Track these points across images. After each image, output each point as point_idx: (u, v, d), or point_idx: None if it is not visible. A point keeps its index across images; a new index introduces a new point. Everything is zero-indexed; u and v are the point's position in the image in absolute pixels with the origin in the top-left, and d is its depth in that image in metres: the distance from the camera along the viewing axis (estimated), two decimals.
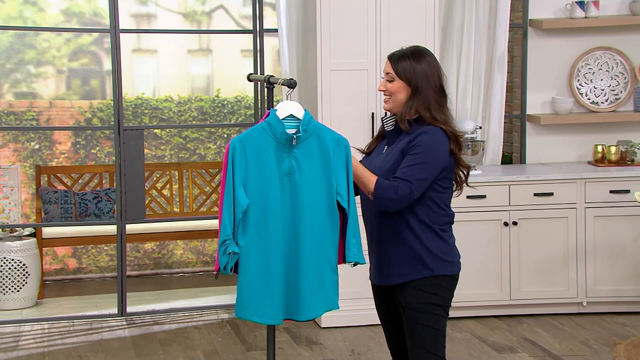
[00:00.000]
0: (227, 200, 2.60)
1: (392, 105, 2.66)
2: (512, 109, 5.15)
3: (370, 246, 2.71)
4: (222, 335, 4.41)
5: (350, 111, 4.38)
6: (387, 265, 2.64)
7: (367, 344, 4.20)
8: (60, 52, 6.09)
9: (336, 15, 4.32)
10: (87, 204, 5.53)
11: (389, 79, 2.65)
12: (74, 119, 6.05)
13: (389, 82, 2.65)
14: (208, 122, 6.22)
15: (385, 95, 2.66)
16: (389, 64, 2.66)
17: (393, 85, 2.64)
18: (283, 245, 2.64)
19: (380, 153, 2.71)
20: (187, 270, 6.08)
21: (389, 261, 2.63)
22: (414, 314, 2.59)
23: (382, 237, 2.64)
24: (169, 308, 4.85)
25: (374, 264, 2.71)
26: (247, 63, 5.76)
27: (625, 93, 4.99)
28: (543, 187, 4.54)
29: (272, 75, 2.88)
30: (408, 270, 2.59)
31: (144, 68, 6.25)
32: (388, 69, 2.66)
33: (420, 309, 2.59)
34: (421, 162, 2.56)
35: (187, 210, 5.86)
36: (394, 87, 2.64)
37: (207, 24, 6.24)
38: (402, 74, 2.62)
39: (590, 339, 4.26)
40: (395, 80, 2.63)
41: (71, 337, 4.41)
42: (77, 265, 6.01)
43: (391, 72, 2.64)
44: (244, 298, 2.64)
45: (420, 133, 2.59)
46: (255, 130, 2.65)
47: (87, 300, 5.22)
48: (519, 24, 4.97)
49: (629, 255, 4.57)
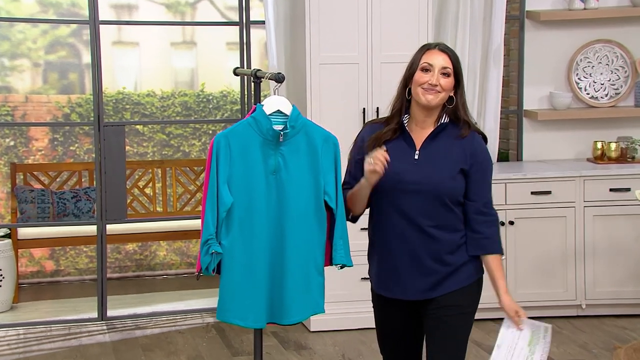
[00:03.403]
0: (211, 198, 2.62)
1: (440, 100, 2.54)
2: (508, 104, 5.20)
3: (400, 260, 2.57)
4: (207, 339, 4.43)
5: (341, 107, 4.41)
6: (434, 276, 2.56)
7: (358, 349, 4.24)
8: (36, 44, 6.10)
9: (326, 6, 4.35)
10: (65, 203, 5.53)
11: (445, 72, 2.52)
12: (51, 114, 6.06)
13: (445, 76, 2.53)
14: (192, 117, 6.24)
15: (435, 91, 2.52)
16: (445, 56, 2.53)
17: (448, 81, 2.53)
18: (268, 245, 2.66)
19: (408, 158, 2.55)
20: (171, 272, 6.09)
21: (438, 271, 2.56)
22: (457, 319, 2.57)
23: (430, 249, 2.56)
24: (152, 312, 4.87)
25: (407, 278, 2.57)
26: (233, 56, 5.78)
27: (625, 87, 5.05)
28: (540, 185, 4.58)
29: (259, 69, 2.89)
30: (464, 275, 2.58)
31: (125, 61, 6.26)
32: (445, 63, 2.53)
33: (469, 313, 2.60)
34: (489, 181, 2.58)
35: (170, 209, 5.87)
36: (449, 83, 2.54)
37: (191, 15, 6.26)
38: (458, 69, 2.54)
39: (589, 342, 4.30)
40: (451, 76, 2.53)
41: (48, 342, 4.42)
42: (55, 268, 6.01)
43: (449, 67, 2.53)
44: (226, 300, 2.65)
45: (479, 147, 2.56)
46: (241, 126, 2.66)
47: (65, 304, 5.21)
48: (515, 16, 5.01)
49: (630, 256, 4.62)
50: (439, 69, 2.53)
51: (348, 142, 4.75)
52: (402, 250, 2.57)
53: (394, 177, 2.54)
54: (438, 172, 2.54)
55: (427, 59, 2.55)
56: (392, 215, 2.56)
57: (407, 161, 2.56)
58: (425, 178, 2.53)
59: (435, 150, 2.56)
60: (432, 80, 2.52)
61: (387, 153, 2.50)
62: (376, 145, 2.57)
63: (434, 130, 2.57)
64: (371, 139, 2.60)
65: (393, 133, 2.58)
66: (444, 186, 2.53)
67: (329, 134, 2.73)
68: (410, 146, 2.58)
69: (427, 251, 2.55)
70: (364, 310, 2.95)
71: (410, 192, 2.54)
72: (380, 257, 2.62)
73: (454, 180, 2.55)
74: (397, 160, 2.54)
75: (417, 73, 2.55)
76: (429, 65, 2.54)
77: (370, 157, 2.51)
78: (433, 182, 2.53)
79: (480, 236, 2.57)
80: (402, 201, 2.54)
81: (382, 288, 2.63)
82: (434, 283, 2.57)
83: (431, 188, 2.53)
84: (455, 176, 2.55)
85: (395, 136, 2.58)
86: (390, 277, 2.60)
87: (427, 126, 2.59)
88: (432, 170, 2.54)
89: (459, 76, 2.56)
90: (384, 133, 2.59)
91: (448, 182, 2.54)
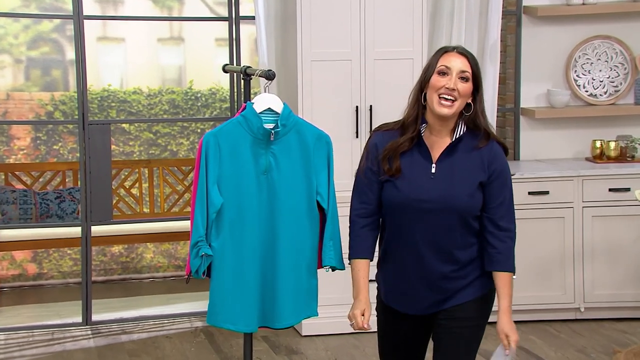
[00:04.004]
0: (200, 199, 2.61)
1: (456, 110, 2.43)
2: (505, 102, 5.17)
3: (414, 277, 2.52)
4: (196, 344, 4.40)
5: (333, 105, 4.38)
6: (447, 292, 2.52)
7: (350, 353, 4.21)
8: (17, 39, 6.04)
9: (318, 1, 4.32)
10: (48, 204, 5.49)
11: (463, 76, 2.43)
12: (34, 112, 6.01)
13: (463, 81, 2.44)
14: (180, 116, 6.20)
15: (452, 96, 2.42)
16: (464, 59, 2.44)
17: (466, 86, 2.43)
18: (259, 247, 2.65)
19: (424, 172, 2.47)
20: (158, 275, 6.06)
21: (452, 288, 2.52)
22: (468, 331, 2.55)
23: (445, 266, 2.51)
24: (138, 316, 4.83)
25: (420, 294, 2.52)
26: (222, 53, 5.74)
27: (625, 85, 5.03)
28: (538, 185, 4.56)
29: (249, 66, 2.91)
30: (476, 288, 2.54)
31: (111, 58, 6.23)
32: (464, 66, 2.43)
33: (479, 326, 2.57)
34: (508, 194, 2.50)
35: (157, 210, 5.85)
36: (467, 88, 2.44)
37: (178, 10, 6.23)
38: (477, 74, 2.44)
39: (588, 346, 4.28)
40: (469, 80, 2.44)
41: (31, 348, 4.38)
42: (38, 271, 5.97)
43: (468, 71, 2.43)
44: (216, 304, 2.65)
45: (499, 157, 2.47)
46: (231, 125, 2.66)
47: (48, 309, 5.20)
48: (512, 11, 4.99)
49: (629, 258, 4.61)
50: (457, 72, 2.44)
51: (341, 140, 4.67)
52: (416, 267, 2.51)
53: (410, 194, 2.46)
54: (456, 189, 2.46)
55: (444, 62, 2.45)
56: (406, 231, 2.49)
57: (424, 176, 2.47)
58: (442, 196, 2.45)
59: (453, 164, 2.47)
60: (449, 85, 2.43)
61: (367, 327, 2.49)
62: (393, 157, 2.47)
63: (451, 144, 2.48)
64: (387, 150, 2.49)
65: (410, 143, 2.48)
66: (462, 204, 2.46)
67: (321, 132, 2.72)
68: (426, 159, 2.49)
69: (442, 269, 2.50)
70: None
71: (426, 209, 2.46)
72: (393, 272, 2.56)
73: (472, 197, 2.47)
74: (413, 175, 2.47)
75: (434, 77, 2.45)
76: (446, 68, 2.44)
77: (351, 321, 2.50)
78: (450, 200, 2.45)
79: (494, 251, 2.52)
80: (417, 218, 2.47)
81: (393, 301, 2.58)
82: (446, 297, 2.54)
83: (448, 206, 2.45)
84: (473, 193, 2.47)
85: (411, 146, 2.48)
86: (403, 292, 2.55)
87: (444, 135, 2.50)
88: (449, 186, 2.46)
89: (478, 81, 2.46)
90: (401, 144, 2.47)
91: (466, 200, 2.46)
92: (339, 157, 3.49)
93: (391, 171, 2.47)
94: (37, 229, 5.37)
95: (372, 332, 2.74)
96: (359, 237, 2.55)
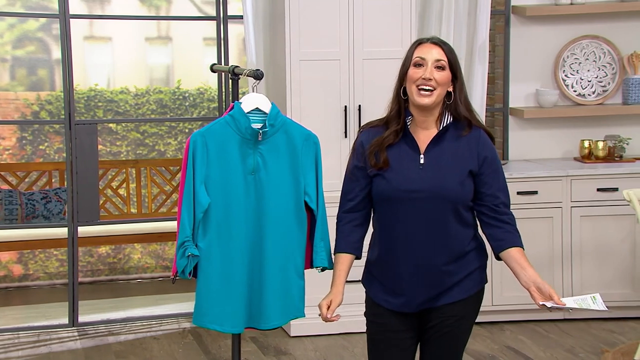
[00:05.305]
0: (187, 199, 2.62)
1: (435, 99, 2.46)
2: (493, 101, 5.22)
3: (405, 271, 2.51)
4: (184, 345, 4.41)
5: (322, 104, 4.41)
6: (440, 287, 2.51)
7: (339, 354, 4.24)
8: (2, 38, 6.04)
9: (306, 1, 4.34)
10: (34, 204, 5.49)
11: (439, 65, 2.46)
12: (20, 112, 6.00)
13: (439, 70, 2.46)
14: (168, 116, 6.21)
15: (430, 86, 2.46)
16: (438, 49, 2.48)
17: (443, 74, 2.46)
18: (246, 248, 2.66)
19: (412, 164, 2.48)
20: (146, 275, 6.06)
21: (445, 282, 2.51)
22: (458, 329, 2.55)
23: (438, 259, 2.51)
24: (125, 317, 4.84)
25: (412, 289, 2.52)
26: (210, 52, 5.76)
27: (613, 85, 5.08)
28: (526, 185, 4.60)
29: (237, 66, 2.91)
30: (469, 285, 2.54)
31: (97, 57, 6.22)
32: (438, 55, 2.46)
33: (469, 324, 2.58)
34: (501, 179, 2.51)
35: (145, 211, 5.85)
36: (445, 77, 2.46)
37: (166, 9, 6.24)
38: (453, 62, 2.47)
39: (576, 346, 4.32)
40: (445, 69, 2.47)
41: (16, 350, 4.38)
42: (24, 272, 5.96)
43: (443, 59, 2.46)
44: (203, 305, 2.65)
45: (486, 144, 2.49)
46: (218, 125, 2.66)
47: (34, 310, 5.18)
48: (501, 11, 5.03)
49: (617, 258, 4.65)
50: (432, 62, 2.46)
51: (329, 140, 4.71)
52: (408, 260, 2.50)
53: (400, 186, 2.47)
54: (445, 178, 2.47)
55: (419, 53, 2.49)
56: (397, 225, 2.49)
57: (412, 167, 2.48)
58: (432, 186, 2.46)
59: (441, 153, 2.49)
60: (425, 75, 2.45)
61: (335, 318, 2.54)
62: (379, 151, 2.49)
63: (437, 134, 2.50)
64: (373, 145, 2.51)
65: (395, 136, 2.50)
66: (453, 193, 2.46)
67: (309, 132, 2.73)
68: (414, 150, 2.50)
69: (435, 261, 2.50)
70: (346, 314, 2.93)
71: (416, 200, 2.46)
72: (385, 268, 2.55)
73: (463, 185, 2.48)
74: (402, 167, 2.48)
75: (411, 69, 2.49)
76: (421, 59, 2.48)
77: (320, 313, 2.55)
78: (440, 190, 2.46)
79: (501, 231, 2.51)
80: (408, 210, 2.47)
81: (384, 299, 2.57)
82: (439, 293, 2.53)
83: (439, 195, 2.46)
84: (464, 181, 2.48)
85: (397, 139, 2.50)
86: (395, 288, 2.54)
87: (430, 126, 2.52)
88: (438, 176, 2.47)
89: (456, 69, 2.49)
90: (386, 137, 2.50)
91: (457, 188, 2.47)
92: (327, 157, 3.50)
93: (379, 164, 2.49)
94: (23, 230, 5.36)
95: (361, 333, 2.75)
96: (343, 232, 2.57)
